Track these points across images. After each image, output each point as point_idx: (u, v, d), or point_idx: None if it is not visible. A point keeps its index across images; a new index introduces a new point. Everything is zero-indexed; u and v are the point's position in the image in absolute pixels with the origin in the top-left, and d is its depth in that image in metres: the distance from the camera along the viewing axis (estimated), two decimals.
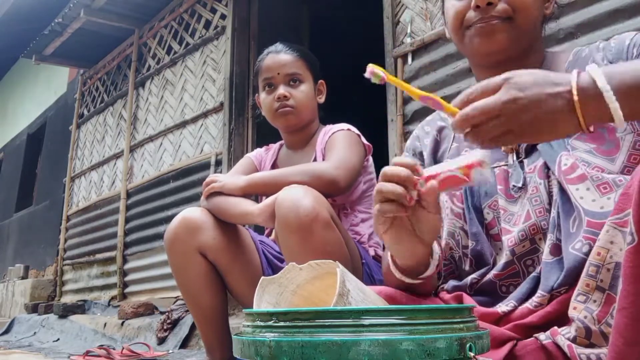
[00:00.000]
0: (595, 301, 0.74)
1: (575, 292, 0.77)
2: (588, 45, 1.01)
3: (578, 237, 0.84)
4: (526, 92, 0.67)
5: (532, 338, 0.82)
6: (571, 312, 0.76)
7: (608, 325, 0.71)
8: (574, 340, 0.75)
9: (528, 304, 0.88)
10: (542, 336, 0.81)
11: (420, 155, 1.15)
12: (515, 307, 0.90)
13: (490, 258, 0.98)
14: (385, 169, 0.79)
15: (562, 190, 0.88)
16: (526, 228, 0.92)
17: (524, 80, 0.68)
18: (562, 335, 0.77)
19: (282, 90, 1.64)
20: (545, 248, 0.89)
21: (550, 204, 0.91)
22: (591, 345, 0.74)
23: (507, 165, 0.98)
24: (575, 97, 0.66)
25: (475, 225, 0.99)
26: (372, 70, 0.79)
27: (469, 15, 0.97)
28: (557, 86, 0.68)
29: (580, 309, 0.75)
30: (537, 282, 0.90)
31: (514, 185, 0.96)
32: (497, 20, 0.95)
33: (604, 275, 0.73)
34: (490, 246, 0.99)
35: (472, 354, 0.60)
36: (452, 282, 1.04)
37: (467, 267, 1.02)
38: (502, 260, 0.95)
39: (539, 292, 0.87)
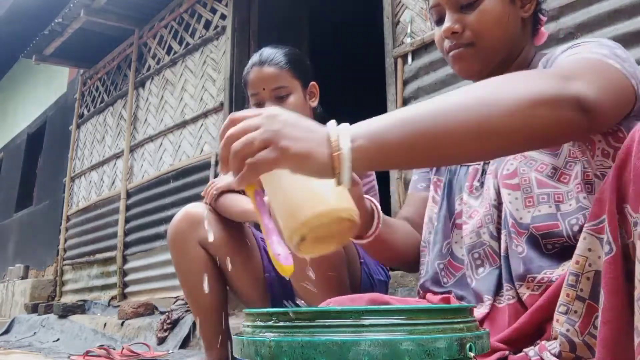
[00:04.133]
0: (576, 312, 0.73)
1: (558, 303, 0.77)
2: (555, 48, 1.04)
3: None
4: (285, 115, 0.66)
5: (522, 353, 0.82)
6: (554, 325, 0.76)
7: (592, 337, 0.70)
8: (559, 355, 0.75)
9: (505, 301, 0.91)
10: (532, 352, 0.81)
11: None
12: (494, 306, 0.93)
13: (443, 242, 1.06)
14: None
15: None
16: (475, 222, 1.00)
17: (281, 112, 0.67)
18: (549, 351, 0.77)
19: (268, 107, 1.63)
20: (502, 243, 0.94)
21: (496, 200, 0.97)
22: (577, 358, 0.73)
23: (479, 165, 1.06)
24: (336, 153, 0.65)
25: (443, 210, 1.08)
26: None
27: (445, 43, 1.04)
28: (313, 132, 0.66)
29: (562, 321, 0.74)
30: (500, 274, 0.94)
31: (475, 184, 1.04)
32: (462, 47, 1.01)
33: (584, 284, 0.72)
34: (447, 231, 1.07)
35: (472, 354, 0.60)
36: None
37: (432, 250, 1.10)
38: (460, 252, 1.03)
39: (507, 285, 0.92)
